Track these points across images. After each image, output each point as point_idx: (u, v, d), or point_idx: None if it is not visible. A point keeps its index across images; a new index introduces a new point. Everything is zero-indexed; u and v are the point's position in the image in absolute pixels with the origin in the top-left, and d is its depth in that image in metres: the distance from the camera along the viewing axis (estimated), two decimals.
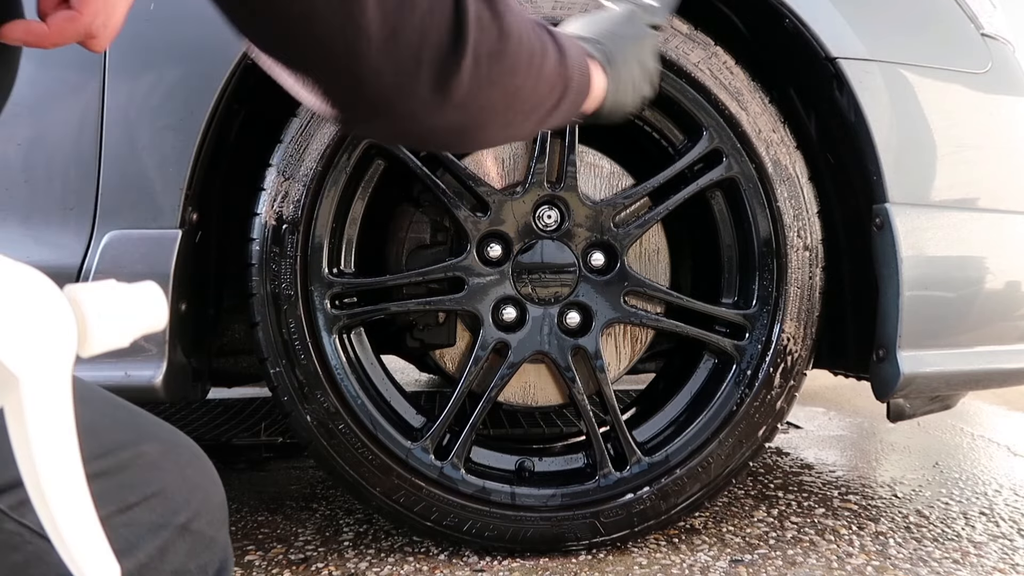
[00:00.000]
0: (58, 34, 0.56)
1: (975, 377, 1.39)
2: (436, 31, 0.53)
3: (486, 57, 0.56)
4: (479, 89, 0.57)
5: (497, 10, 0.58)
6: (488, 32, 0.56)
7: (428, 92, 0.55)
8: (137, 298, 0.42)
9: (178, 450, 0.55)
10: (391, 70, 0.52)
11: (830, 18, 1.29)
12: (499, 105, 0.60)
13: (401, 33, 0.52)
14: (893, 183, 1.28)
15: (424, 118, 0.57)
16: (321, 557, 1.36)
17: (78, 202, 1.17)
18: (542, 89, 0.64)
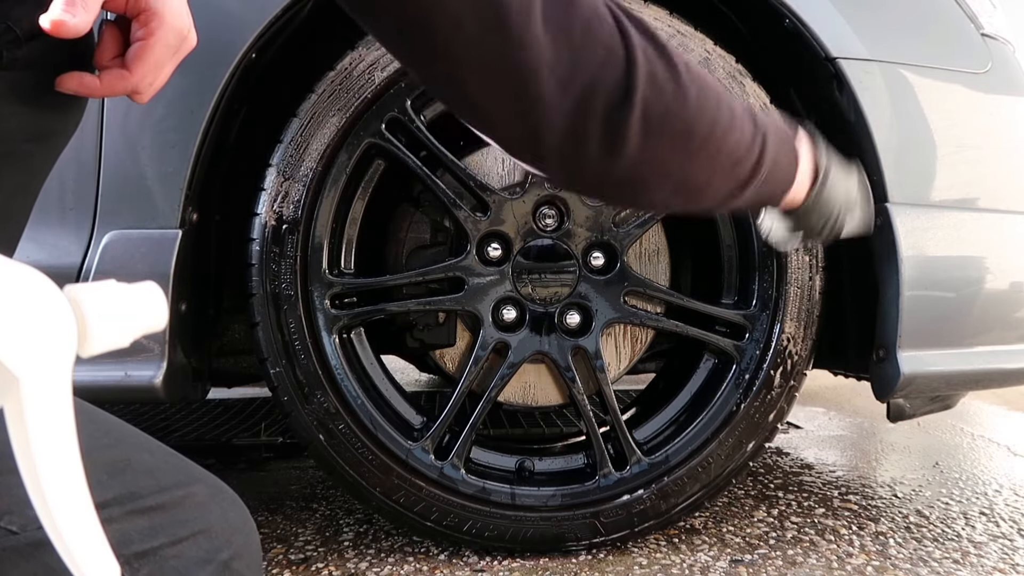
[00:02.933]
0: (107, 88, 0.60)
1: (975, 377, 1.39)
2: (606, 82, 0.54)
3: (657, 115, 0.56)
4: (648, 148, 0.57)
5: (675, 69, 0.57)
6: (661, 90, 0.56)
7: (596, 144, 0.55)
8: (137, 298, 0.42)
9: (222, 494, 0.59)
10: (563, 116, 0.53)
11: (830, 18, 1.29)
12: (671, 167, 0.60)
13: (574, 81, 0.53)
14: (893, 183, 1.28)
15: (593, 168, 0.58)
16: (321, 557, 1.36)
17: (78, 202, 1.17)
18: (722, 162, 0.62)
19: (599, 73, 0.53)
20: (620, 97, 0.54)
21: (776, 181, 0.68)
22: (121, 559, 0.51)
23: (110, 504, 0.51)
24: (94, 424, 0.57)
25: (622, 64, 0.54)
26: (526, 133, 0.55)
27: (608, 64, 0.54)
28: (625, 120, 0.55)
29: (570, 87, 0.53)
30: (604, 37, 0.54)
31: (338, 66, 1.24)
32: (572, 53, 0.52)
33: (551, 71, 0.52)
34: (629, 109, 0.55)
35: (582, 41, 0.53)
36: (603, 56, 0.53)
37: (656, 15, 1.29)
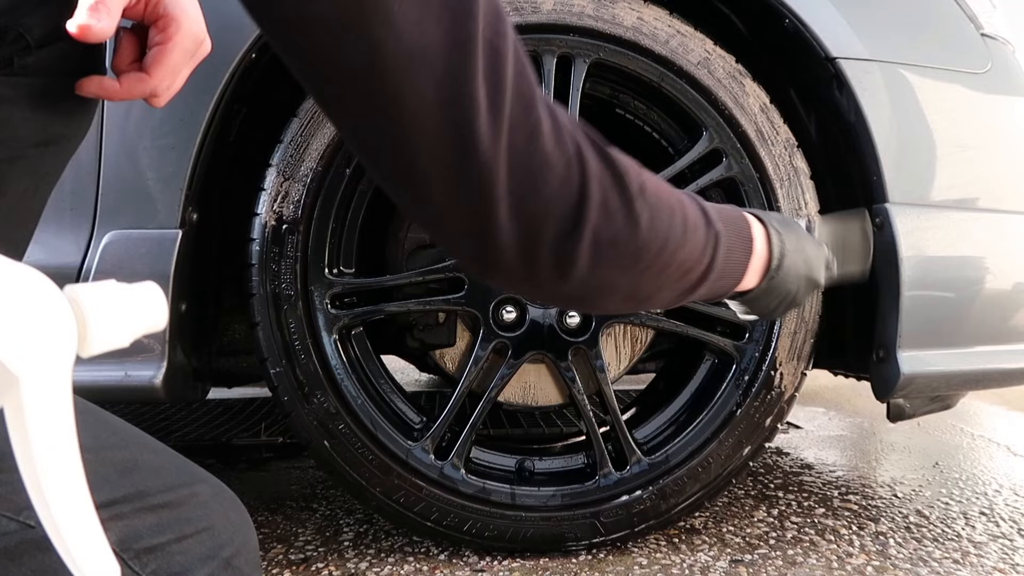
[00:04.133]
0: (127, 91, 0.61)
1: (975, 377, 1.39)
2: (557, 211, 0.55)
3: (607, 242, 0.57)
4: (597, 271, 0.58)
5: (628, 197, 0.58)
6: (612, 218, 0.57)
7: (546, 266, 0.56)
8: (137, 298, 0.42)
9: (224, 494, 0.61)
10: (514, 240, 0.54)
11: (830, 18, 1.29)
12: (620, 284, 0.61)
13: (526, 208, 0.53)
14: (893, 183, 1.28)
15: (542, 286, 0.59)
16: (321, 557, 1.36)
17: (78, 202, 1.17)
18: (672, 274, 0.63)
19: (552, 202, 0.54)
20: (570, 226, 0.55)
21: (727, 276, 0.69)
22: (130, 553, 0.52)
23: (121, 501, 0.53)
24: (103, 425, 0.58)
25: (575, 195, 0.55)
26: (478, 252, 0.55)
27: (561, 194, 0.54)
28: (574, 248, 0.56)
29: (522, 214, 0.53)
30: (561, 168, 0.54)
31: None
32: (528, 182, 0.53)
33: (507, 197, 0.52)
34: (578, 238, 0.56)
35: (539, 171, 0.53)
36: (557, 187, 0.54)
37: (656, 15, 1.29)
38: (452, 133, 0.50)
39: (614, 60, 1.30)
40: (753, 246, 0.71)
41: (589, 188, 0.55)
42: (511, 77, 0.52)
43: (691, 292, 0.67)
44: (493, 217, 0.53)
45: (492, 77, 0.50)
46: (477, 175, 0.51)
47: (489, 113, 0.50)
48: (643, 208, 0.59)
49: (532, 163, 0.53)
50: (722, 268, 0.67)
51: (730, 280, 0.70)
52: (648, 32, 1.29)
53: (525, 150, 0.53)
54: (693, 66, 1.30)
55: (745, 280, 0.72)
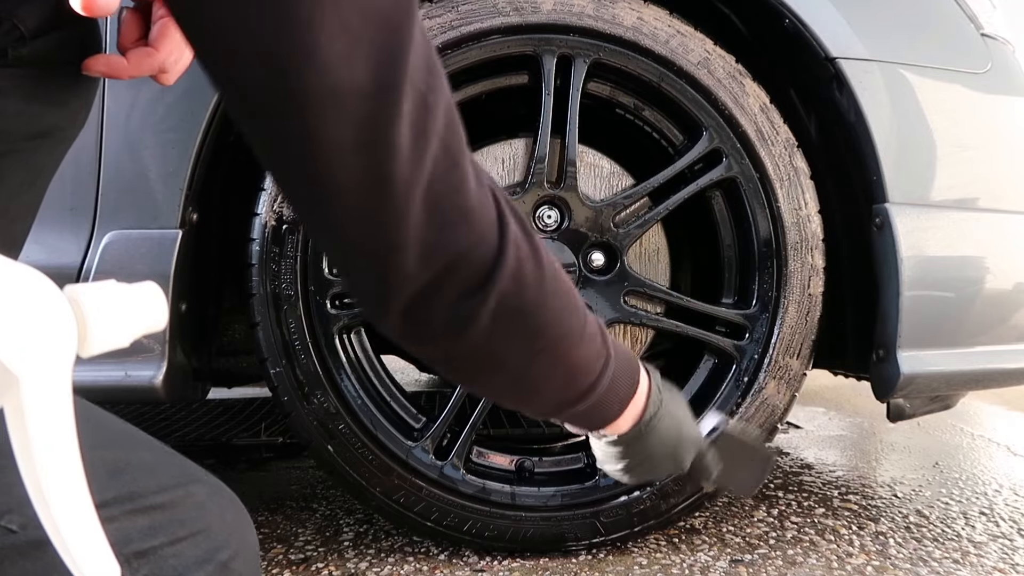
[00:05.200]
0: (135, 68, 0.61)
1: (975, 377, 1.39)
2: (468, 267, 0.54)
3: (511, 311, 0.56)
4: (492, 339, 0.57)
5: (542, 273, 0.58)
6: (522, 288, 0.56)
7: (442, 320, 0.55)
8: (137, 298, 0.42)
9: (221, 494, 0.60)
10: (416, 286, 0.53)
11: (830, 18, 1.29)
12: (510, 362, 0.60)
13: (436, 258, 0.52)
14: (893, 183, 1.28)
15: (433, 341, 0.57)
16: (321, 557, 1.36)
17: (78, 202, 1.17)
18: (562, 372, 0.62)
19: (464, 256, 0.53)
20: (479, 283, 0.54)
21: (606, 405, 0.68)
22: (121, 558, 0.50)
23: (110, 503, 0.51)
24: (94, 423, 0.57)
25: (491, 254, 0.54)
26: (376, 295, 0.54)
27: (475, 251, 0.53)
28: (477, 307, 0.55)
29: (431, 262, 0.52)
30: (480, 225, 0.54)
31: None
32: (442, 233, 0.52)
33: (418, 242, 0.51)
34: (483, 298, 0.54)
35: (456, 223, 0.52)
36: (473, 242, 0.53)
37: (656, 15, 1.29)
38: (366, 176, 0.49)
39: (614, 60, 1.30)
40: (637, 388, 0.71)
41: (505, 253, 0.54)
42: (439, 130, 0.51)
43: (571, 405, 0.65)
44: (398, 263, 0.52)
45: (417, 125, 0.49)
46: (388, 219, 0.50)
47: (409, 161, 0.49)
48: (552, 290, 0.58)
49: (449, 213, 0.52)
50: (606, 391, 0.66)
51: (608, 410, 0.69)
52: (648, 32, 1.29)
53: (444, 200, 0.52)
54: (693, 66, 1.30)
55: (620, 420, 0.70)
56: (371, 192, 0.49)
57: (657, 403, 0.73)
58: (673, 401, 0.76)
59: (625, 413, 0.70)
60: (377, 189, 0.49)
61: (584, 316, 0.62)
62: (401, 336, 0.58)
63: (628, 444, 0.73)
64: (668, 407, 0.74)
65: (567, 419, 0.70)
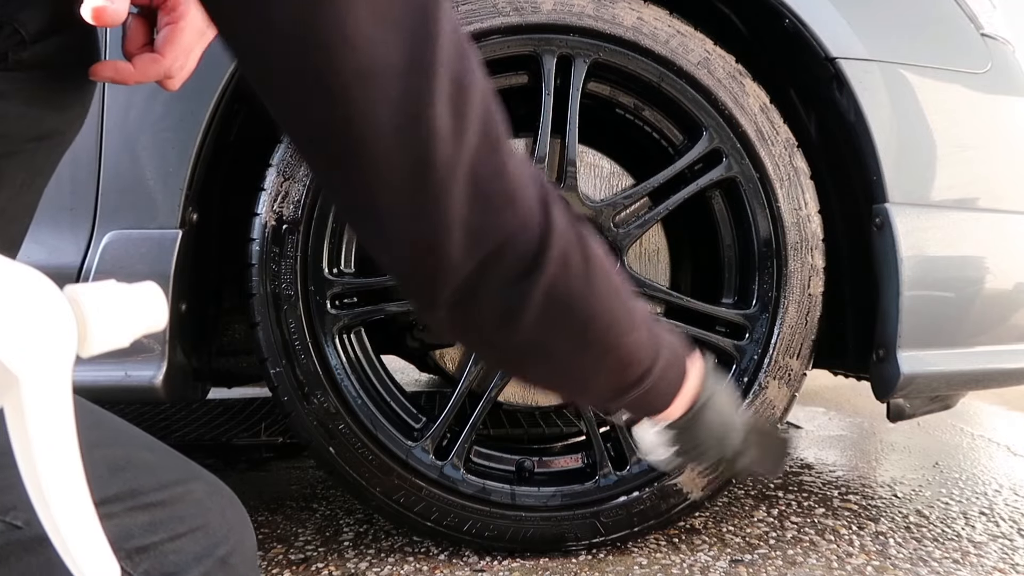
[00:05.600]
0: (141, 74, 0.61)
1: (975, 377, 1.39)
2: (516, 251, 0.52)
3: (561, 297, 0.55)
4: (543, 327, 0.56)
5: (590, 259, 0.56)
6: (571, 274, 0.55)
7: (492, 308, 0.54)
8: (137, 298, 0.42)
9: (220, 492, 0.60)
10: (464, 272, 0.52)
11: (830, 18, 1.29)
12: (561, 353, 0.59)
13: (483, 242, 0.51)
14: (893, 183, 1.28)
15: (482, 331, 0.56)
16: (321, 557, 1.36)
17: (78, 202, 1.17)
18: (612, 362, 0.61)
19: (511, 241, 0.52)
20: (526, 269, 0.53)
21: (659, 393, 0.67)
22: (122, 553, 0.51)
23: (111, 500, 0.52)
24: (95, 422, 0.57)
25: (536, 240, 0.53)
26: (424, 285, 0.53)
27: (522, 234, 0.52)
28: (527, 292, 0.53)
29: (478, 247, 0.51)
30: (524, 209, 0.52)
31: None
32: (486, 217, 0.51)
33: (462, 227, 0.50)
34: (534, 283, 0.53)
35: (501, 207, 0.51)
36: (518, 225, 0.52)
37: (656, 15, 1.29)
38: (405, 159, 0.48)
39: (614, 60, 1.30)
40: (688, 373, 0.70)
41: (551, 237, 0.53)
42: (477, 112, 0.50)
43: (625, 392, 0.64)
44: (444, 250, 0.50)
45: (455, 106, 0.48)
46: (430, 203, 0.49)
47: (449, 143, 0.48)
48: (601, 278, 0.57)
49: (493, 197, 0.51)
50: (659, 377, 0.65)
51: (662, 398, 0.68)
52: (648, 32, 1.29)
53: (487, 183, 0.51)
54: (693, 66, 1.30)
55: (672, 407, 0.70)
56: (412, 175, 0.48)
57: (708, 390, 0.73)
58: (720, 387, 0.76)
59: (678, 399, 0.70)
60: (418, 172, 0.48)
61: (632, 304, 0.62)
62: (450, 327, 0.57)
63: (681, 430, 0.73)
64: (717, 392, 0.74)
65: (620, 406, 0.68)
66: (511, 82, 1.36)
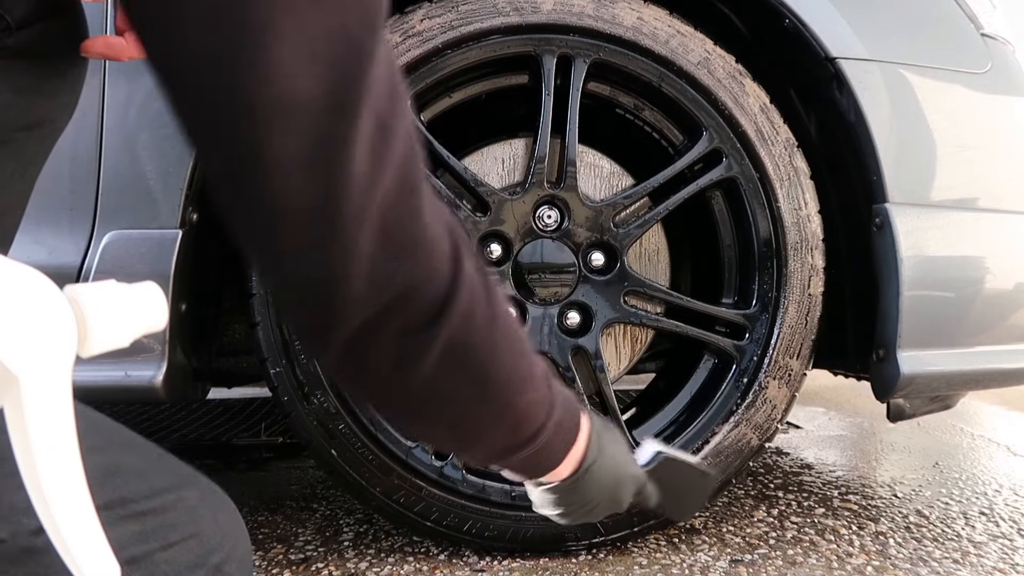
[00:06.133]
0: (133, 49, 0.60)
1: (975, 377, 1.39)
2: (420, 301, 0.51)
3: (460, 351, 0.53)
4: (440, 379, 0.54)
5: (494, 314, 0.55)
6: (473, 328, 0.54)
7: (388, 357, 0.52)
8: (137, 298, 0.42)
9: (214, 496, 0.59)
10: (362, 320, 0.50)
11: (830, 18, 1.29)
12: (456, 407, 0.57)
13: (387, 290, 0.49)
14: (893, 183, 1.28)
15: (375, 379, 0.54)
16: (321, 557, 1.36)
17: (78, 202, 1.17)
18: (508, 419, 0.60)
19: (415, 289, 0.50)
20: (429, 319, 0.51)
21: (548, 453, 0.66)
22: None
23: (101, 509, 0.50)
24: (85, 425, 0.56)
25: (443, 290, 0.51)
26: (317, 319, 0.50)
27: (427, 285, 0.51)
28: (427, 343, 0.52)
29: (380, 293, 0.49)
30: (434, 259, 0.51)
31: None
32: (393, 263, 0.49)
33: (366, 271, 0.48)
34: (432, 335, 0.52)
35: (408, 255, 0.50)
36: (425, 275, 0.51)
37: (656, 15, 1.29)
38: (314, 198, 0.46)
39: (614, 60, 1.30)
40: (579, 433, 0.69)
41: (459, 289, 0.52)
42: (398, 156, 0.48)
43: (513, 452, 0.63)
44: (344, 293, 0.48)
45: (374, 149, 0.46)
46: (336, 245, 0.47)
47: (363, 185, 0.46)
48: (504, 334, 0.56)
49: (402, 244, 0.49)
50: (551, 437, 0.64)
51: (551, 458, 0.67)
52: (648, 32, 1.29)
53: (397, 230, 0.49)
54: (693, 66, 1.30)
55: (560, 467, 0.68)
56: (320, 215, 0.46)
57: (596, 448, 0.71)
58: (612, 442, 0.74)
59: (566, 460, 0.68)
60: (327, 212, 0.46)
61: (533, 363, 0.60)
62: (339, 372, 0.54)
63: (567, 491, 0.71)
64: (607, 450, 0.72)
65: (507, 466, 0.67)
66: (511, 82, 1.36)
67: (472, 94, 1.36)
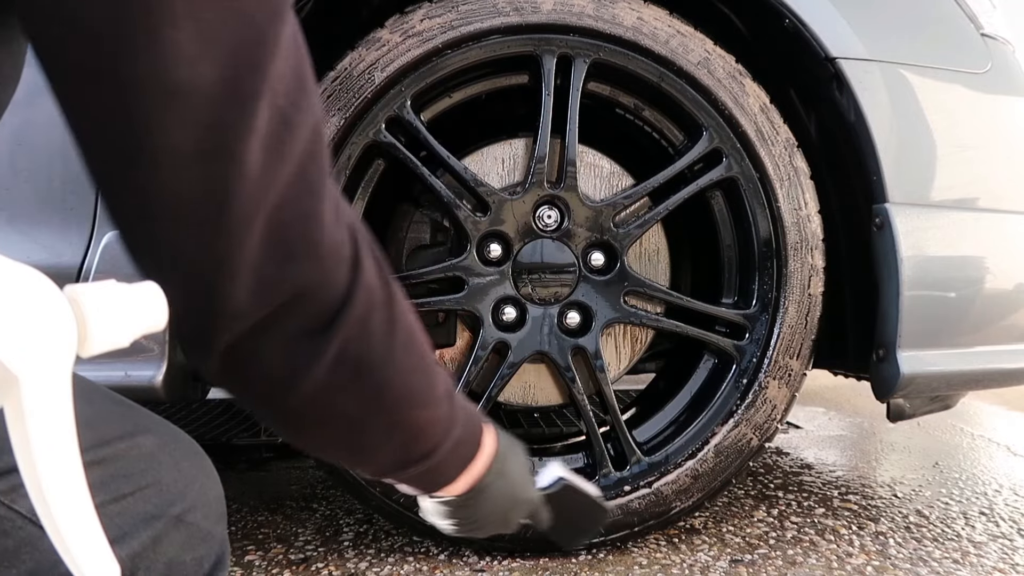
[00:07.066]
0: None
1: (975, 377, 1.39)
2: (312, 305, 0.48)
3: (354, 363, 0.51)
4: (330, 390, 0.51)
5: (394, 326, 0.52)
6: (369, 338, 0.51)
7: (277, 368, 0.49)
8: (137, 298, 0.42)
9: (174, 444, 0.56)
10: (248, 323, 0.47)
11: (830, 18, 1.29)
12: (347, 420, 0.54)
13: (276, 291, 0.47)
14: (893, 183, 1.28)
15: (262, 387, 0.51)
16: (321, 557, 1.36)
17: (78, 202, 1.17)
18: (402, 434, 0.58)
19: (305, 294, 0.47)
20: (321, 327, 0.49)
21: (444, 469, 0.64)
22: None
23: None
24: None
25: (337, 297, 0.49)
26: (199, 322, 0.47)
27: (319, 291, 0.48)
28: (314, 353, 0.49)
29: (269, 296, 0.47)
30: (328, 263, 0.48)
31: (338, 66, 1.24)
32: (283, 266, 0.46)
33: (253, 272, 0.45)
34: (323, 343, 0.49)
35: (300, 257, 0.47)
36: (317, 280, 0.48)
37: (656, 15, 1.29)
38: (202, 190, 0.43)
39: (614, 60, 1.30)
40: (479, 452, 0.67)
41: (354, 297, 0.49)
42: (298, 152, 0.45)
43: (404, 468, 0.61)
44: (228, 294, 0.45)
45: (271, 143, 0.44)
46: (222, 243, 0.44)
47: (256, 181, 0.44)
48: (404, 346, 0.54)
49: (294, 246, 0.46)
50: (446, 456, 0.62)
51: (444, 475, 0.65)
52: (648, 32, 1.29)
53: (290, 231, 0.46)
54: (693, 66, 1.30)
55: (454, 485, 0.67)
56: (207, 209, 0.43)
57: (497, 470, 0.69)
58: (515, 463, 0.73)
59: (461, 478, 0.67)
60: (214, 207, 0.43)
61: (434, 378, 0.58)
62: (222, 378, 0.51)
63: (459, 506, 0.70)
64: (508, 471, 0.71)
65: (400, 480, 0.65)
66: (511, 82, 1.36)
67: (472, 94, 1.36)
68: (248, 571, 1.31)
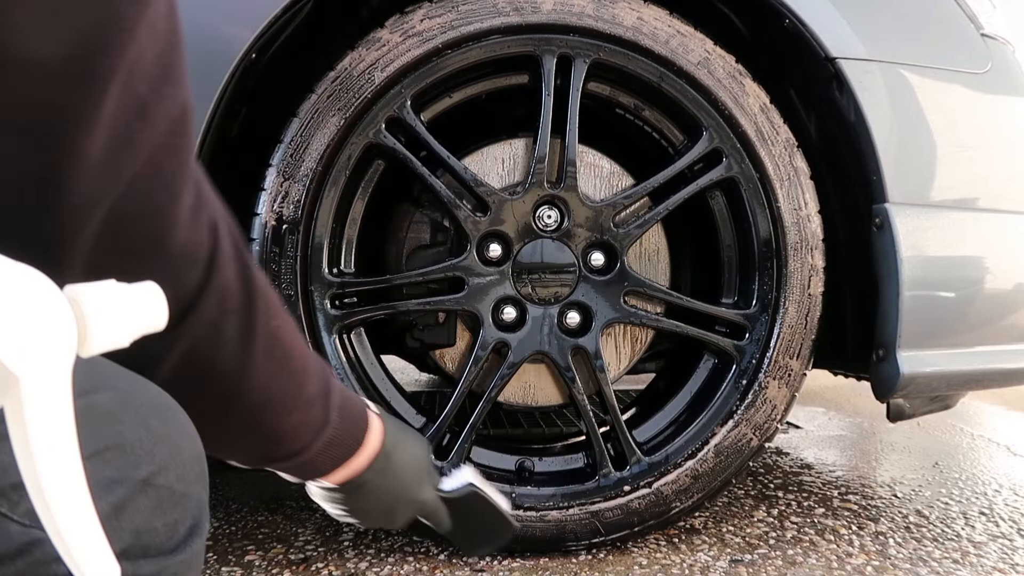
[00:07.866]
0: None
1: (975, 377, 1.39)
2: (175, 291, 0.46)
3: (200, 366, 0.49)
4: (175, 388, 0.50)
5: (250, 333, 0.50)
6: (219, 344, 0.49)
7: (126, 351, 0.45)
8: (137, 298, 0.42)
9: (140, 400, 0.51)
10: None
11: (830, 18, 1.29)
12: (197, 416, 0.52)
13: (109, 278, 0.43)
14: (893, 183, 1.28)
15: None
16: (321, 557, 1.36)
17: None
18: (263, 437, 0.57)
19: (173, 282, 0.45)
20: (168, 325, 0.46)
21: (316, 464, 0.64)
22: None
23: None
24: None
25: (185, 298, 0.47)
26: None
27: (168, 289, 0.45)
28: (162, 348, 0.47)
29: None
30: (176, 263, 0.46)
31: (338, 66, 1.24)
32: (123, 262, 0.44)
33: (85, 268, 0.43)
34: (167, 343, 0.47)
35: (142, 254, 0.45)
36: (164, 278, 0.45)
37: (656, 15, 1.29)
38: (34, 172, 0.40)
39: (614, 60, 1.30)
40: (358, 449, 0.66)
41: (202, 299, 0.47)
42: (152, 143, 0.43)
43: (273, 463, 0.61)
44: (59, 282, 0.42)
45: (118, 131, 0.41)
46: (56, 231, 0.41)
47: (97, 169, 0.41)
48: (265, 352, 0.52)
49: (136, 241, 0.44)
50: (317, 455, 0.61)
51: (317, 469, 0.65)
52: (648, 32, 1.29)
53: (133, 225, 0.44)
54: (693, 66, 1.30)
55: (332, 476, 0.67)
56: (38, 192, 0.40)
57: (379, 467, 0.69)
58: (401, 461, 0.72)
59: (337, 472, 0.66)
60: (47, 191, 0.40)
61: (303, 382, 0.56)
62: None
63: (339, 493, 0.70)
64: (392, 468, 0.70)
65: (272, 468, 0.64)
66: (511, 82, 1.36)
67: (472, 94, 1.36)
68: (248, 571, 1.31)
